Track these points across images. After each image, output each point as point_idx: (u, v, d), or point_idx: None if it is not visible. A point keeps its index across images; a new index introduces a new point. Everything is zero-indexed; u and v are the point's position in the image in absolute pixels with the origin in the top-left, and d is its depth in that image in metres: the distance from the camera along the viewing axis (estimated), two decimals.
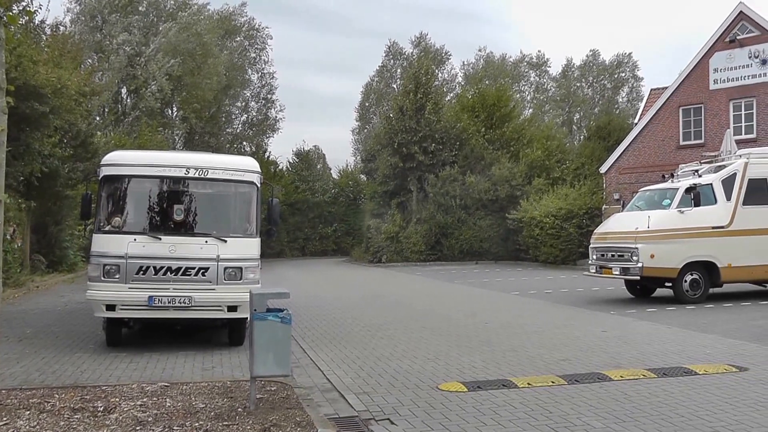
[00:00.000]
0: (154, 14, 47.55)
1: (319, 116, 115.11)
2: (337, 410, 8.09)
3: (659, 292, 19.73)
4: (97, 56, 42.83)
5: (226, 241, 11.81)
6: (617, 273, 18.67)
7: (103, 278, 11.42)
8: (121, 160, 12.47)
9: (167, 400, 8.21)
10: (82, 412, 7.65)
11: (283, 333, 7.76)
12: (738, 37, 31.79)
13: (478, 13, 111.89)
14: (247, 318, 11.10)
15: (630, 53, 76.94)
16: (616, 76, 76.44)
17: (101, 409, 7.79)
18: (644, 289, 19.98)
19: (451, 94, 65.17)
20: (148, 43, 44.01)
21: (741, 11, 31.84)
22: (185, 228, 12.06)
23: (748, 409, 7.82)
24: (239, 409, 7.81)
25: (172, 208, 12.07)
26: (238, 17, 59.90)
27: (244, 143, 60.66)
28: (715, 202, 18.49)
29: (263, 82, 62.05)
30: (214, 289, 11.61)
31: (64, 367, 10.43)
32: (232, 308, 11.69)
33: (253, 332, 7.71)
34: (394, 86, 71.05)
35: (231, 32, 58.68)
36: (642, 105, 45.73)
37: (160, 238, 11.60)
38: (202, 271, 11.57)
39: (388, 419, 7.67)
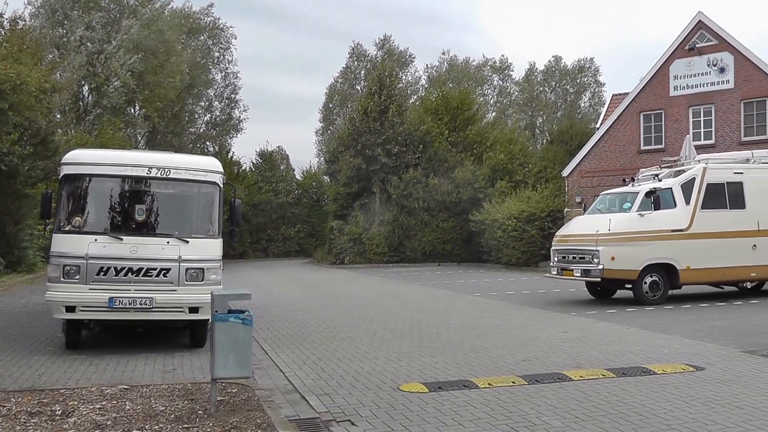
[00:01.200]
0: (117, 10, 46.92)
1: (283, 117, 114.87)
2: (298, 412, 8.08)
3: (620, 293, 19.95)
4: (58, 52, 42.22)
5: (188, 242, 11.73)
6: (578, 275, 18.86)
7: (62, 279, 11.27)
8: (82, 158, 12.31)
9: (127, 403, 8.15)
10: (39, 416, 7.56)
11: (244, 334, 7.73)
12: (697, 46, 32.39)
13: (444, 17, 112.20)
14: (208, 319, 11.03)
15: (592, 59, 77.46)
16: (578, 81, 77.12)
17: (59, 412, 7.70)
18: (605, 291, 20.19)
19: (415, 97, 65.32)
20: (110, 40, 43.47)
21: (700, 20, 32.47)
22: (147, 228, 11.97)
23: (704, 408, 7.97)
24: (200, 412, 7.78)
25: (133, 208, 11.96)
26: (203, 16, 59.54)
27: (208, 143, 60.27)
28: (675, 205, 18.75)
29: (227, 82, 61.77)
30: (175, 290, 11.52)
31: (21, 370, 10.27)
32: (194, 309, 11.60)
33: (214, 334, 7.67)
34: (358, 88, 71.09)
35: (195, 31, 58.24)
36: (604, 110, 46.31)
37: (122, 239, 11.49)
38: (163, 272, 11.48)
39: (349, 420, 7.68)
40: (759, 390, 8.78)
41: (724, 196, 19.29)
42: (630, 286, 18.76)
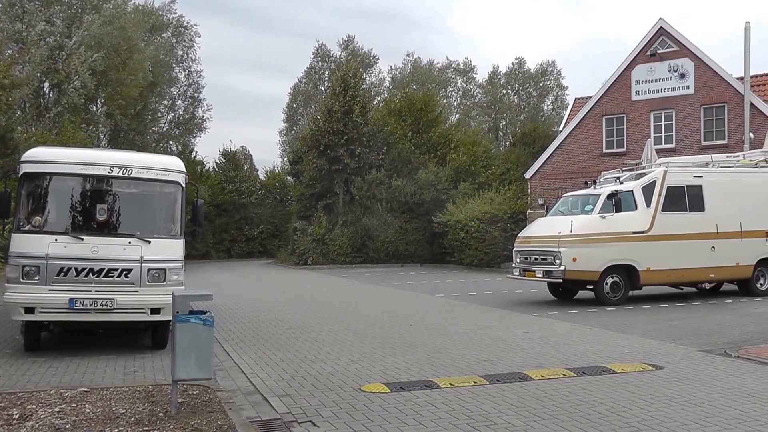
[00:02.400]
0: (78, 5, 46.21)
1: (247, 116, 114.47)
2: (260, 413, 8.06)
3: (581, 294, 20.14)
4: (17, 47, 41.55)
5: (150, 242, 11.63)
6: (540, 276, 19.03)
7: (22, 280, 11.09)
8: (42, 156, 12.11)
9: (86, 406, 8.06)
10: None
11: (205, 335, 7.69)
12: (658, 51, 32.94)
13: (414, 17, 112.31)
14: (170, 320, 10.94)
15: (554, 62, 77.91)
16: (541, 84, 77.54)
17: (16, 416, 7.59)
18: (566, 292, 20.39)
19: (379, 98, 65.33)
20: (70, 36, 42.82)
21: (661, 27, 33.04)
22: (108, 228, 11.84)
23: (662, 406, 8.10)
24: (160, 414, 7.72)
25: (95, 208, 11.83)
26: (166, 13, 58.89)
27: (171, 142, 59.53)
28: (636, 208, 18.99)
29: (190, 81, 61.02)
30: (137, 291, 11.41)
31: None
32: (156, 310, 11.49)
33: (175, 335, 7.62)
34: (322, 88, 70.87)
35: (158, 28, 57.43)
36: (566, 113, 46.73)
37: (83, 239, 11.35)
38: (125, 272, 11.36)
39: (311, 421, 7.67)
40: (716, 388, 8.95)
41: (684, 199, 19.60)
42: (591, 287, 18.97)
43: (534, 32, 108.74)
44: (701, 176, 20.08)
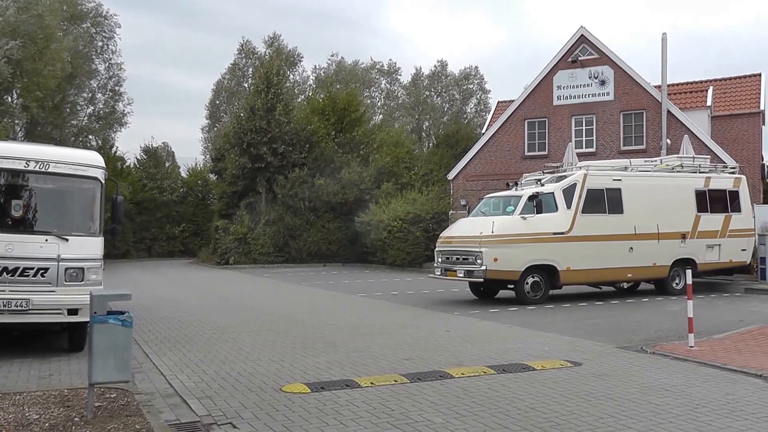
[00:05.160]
0: None
1: (169, 112, 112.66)
2: (179, 416, 7.91)
3: (503, 293, 20.39)
4: None
5: (67, 240, 11.30)
6: (461, 275, 19.21)
7: None
8: None
9: None
10: None
11: (124, 337, 7.52)
12: (579, 58, 33.76)
13: (342, 17, 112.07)
14: (87, 322, 10.66)
15: (477, 67, 78.85)
16: (464, 87, 78.27)
17: None
18: (487, 291, 20.63)
19: (302, 97, 65.04)
20: None
21: (582, 34, 33.90)
22: (24, 225, 11.44)
23: (581, 401, 8.27)
24: (76, 419, 7.50)
25: (9, 204, 11.40)
26: (86, 2, 57.18)
27: (90, 137, 57.81)
28: (556, 209, 19.33)
29: (111, 73, 59.22)
30: (54, 291, 11.08)
31: None
32: (73, 311, 11.13)
33: (93, 336, 7.42)
34: (246, 85, 70.19)
35: (77, 17, 55.63)
36: (489, 116, 47.24)
37: None
38: (41, 271, 11.03)
39: (230, 423, 7.57)
40: (632, 383, 9.19)
41: (604, 201, 20.07)
42: (512, 286, 19.24)
43: (459, 38, 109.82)
44: (620, 180, 20.57)
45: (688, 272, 13.09)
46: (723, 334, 13.18)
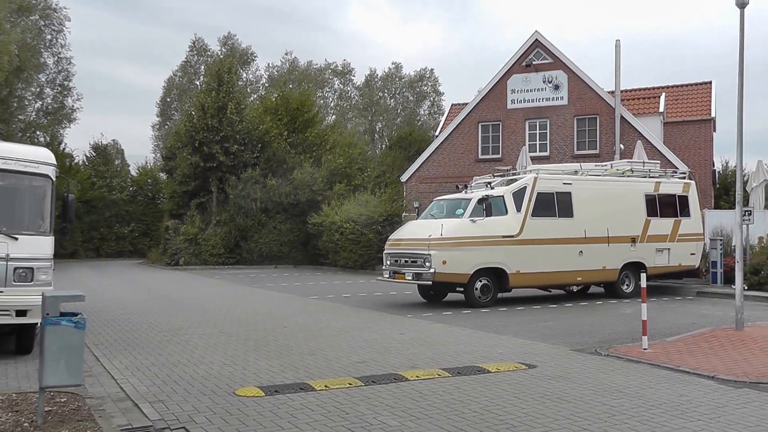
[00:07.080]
0: None
1: (119, 109, 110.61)
2: (131, 420, 7.72)
3: (456, 296, 20.36)
4: None
5: (17, 239, 10.97)
6: (410, 278, 19.17)
7: None
8: None
9: None
10: None
11: (76, 339, 7.32)
12: (533, 63, 33.97)
13: (297, 16, 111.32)
14: (36, 324, 10.39)
15: (432, 69, 79.06)
16: (418, 89, 78.55)
17: None
18: (436, 294, 20.62)
19: (255, 96, 64.68)
20: None
21: (537, 39, 34.12)
22: None
23: (535, 403, 8.28)
24: (25, 424, 7.27)
25: None
26: None
27: (38, 132, 56.68)
28: (506, 212, 19.41)
29: (60, 68, 57.94)
30: (2, 292, 10.74)
31: None
32: (22, 313, 10.83)
33: (45, 338, 7.19)
34: (197, 83, 69.57)
35: (25, 9, 54.25)
36: (443, 118, 47.39)
37: None
38: None
39: (184, 428, 7.43)
40: (586, 385, 9.24)
41: (554, 205, 20.20)
42: (462, 289, 19.25)
43: (414, 40, 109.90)
44: (570, 183, 20.75)
45: (643, 276, 13.20)
46: (676, 337, 13.34)
